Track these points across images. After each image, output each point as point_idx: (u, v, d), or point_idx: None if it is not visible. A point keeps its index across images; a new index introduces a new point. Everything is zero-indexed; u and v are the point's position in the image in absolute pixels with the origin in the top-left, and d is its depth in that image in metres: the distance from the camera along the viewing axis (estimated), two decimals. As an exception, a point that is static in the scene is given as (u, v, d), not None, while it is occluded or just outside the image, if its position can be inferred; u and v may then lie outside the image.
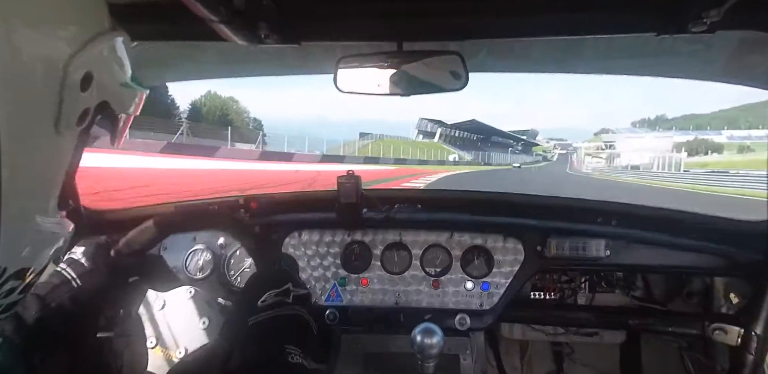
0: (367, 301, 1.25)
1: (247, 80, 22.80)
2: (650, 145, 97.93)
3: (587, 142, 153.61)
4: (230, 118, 57.59)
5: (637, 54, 1.20)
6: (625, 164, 76.46)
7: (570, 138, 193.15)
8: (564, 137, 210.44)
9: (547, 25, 0.86)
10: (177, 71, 1.37)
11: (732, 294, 1.17)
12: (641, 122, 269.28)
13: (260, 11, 0.76)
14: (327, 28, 0.87)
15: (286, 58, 1.22)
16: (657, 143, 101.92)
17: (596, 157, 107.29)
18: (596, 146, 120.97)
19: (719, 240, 1.14)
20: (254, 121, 70.51)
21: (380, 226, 1.27)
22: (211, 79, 1.48)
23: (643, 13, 0.81)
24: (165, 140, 22.07)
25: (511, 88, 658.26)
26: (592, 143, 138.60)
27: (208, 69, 1.38)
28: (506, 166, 78.33)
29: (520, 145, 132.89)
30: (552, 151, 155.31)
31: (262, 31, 0.80)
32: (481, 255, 1.25)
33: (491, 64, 1.27)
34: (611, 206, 1.40)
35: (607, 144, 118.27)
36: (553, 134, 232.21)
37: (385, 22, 0.86)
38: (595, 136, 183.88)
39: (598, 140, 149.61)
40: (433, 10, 0.83)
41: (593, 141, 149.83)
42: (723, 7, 0.70)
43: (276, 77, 7.18)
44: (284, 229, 1.29)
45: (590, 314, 1.28)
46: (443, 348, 0.97)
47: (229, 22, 0.74)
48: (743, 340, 1.02)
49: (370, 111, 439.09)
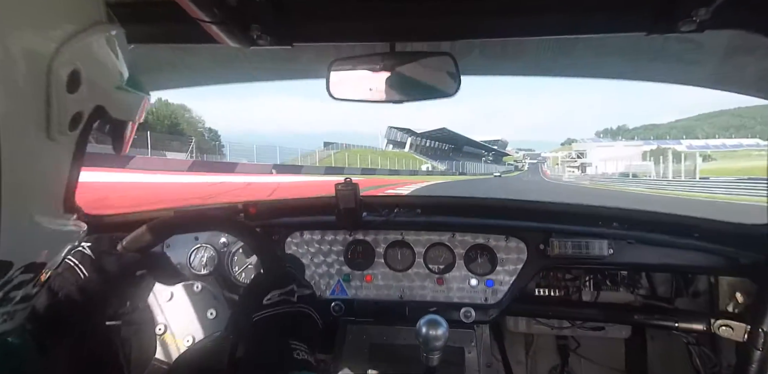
0: (371, 295, 1.25)
1: (204, 91, 20.78)
2: (621, 153, 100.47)
3: (555, 152, 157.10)
4: (181, 128, 52.70)
5: (628, 57, 1.23)
6: (612, 172, 76.51)
7: (537, 148, 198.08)
8: (531, 147, 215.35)
9: (538, 24, 0.87)
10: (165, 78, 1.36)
11: (737, 292, 1.16)
12: (604, 131, 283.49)
13: (253, 12, 0.76)
14: (319, 29, 0.87)
15: (277, 62, 1.22)
16: (627, 152, 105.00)
17: (570, 166, 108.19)
18: (567, 154, 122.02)
19: (722, 242, 1.14)
20: (209, 131, 65.74)
21: (381, 228, 1.27)
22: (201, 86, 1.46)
23: (633, 13, 0.82)
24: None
25: (477, 99, 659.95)
26: (561, 152, 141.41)
27: (198, 75, 1.37)
28: (487, 175, 78.28)
29: (491, 155, 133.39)
30: (522, 161, 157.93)
31: (255, 32, 0.79)
32: (484, 254, 1.25)
33: (483, 65, 1.29)
34: (612, 211, 1.41)
35: (578, 153, 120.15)
36: (521, 144, 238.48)
37: (377, 23, 0.86)
38: (562, 146, 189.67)
39: (565, 149, 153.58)
40: (426, 10, 0.83)
41: (561, 150, 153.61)
42: (711, 6, 0.72)
43: (233, 86, 7.05)
44: (285, 230, 1.30)
45: (595, 310, 1.28)
46: (448, 341, 0.96)
47: (221, 23, 0.73)
48: (750, 336, 1.02)
49: (337, 122, 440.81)
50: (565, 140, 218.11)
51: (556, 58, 1.24)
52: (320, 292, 1.26)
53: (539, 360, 1.62)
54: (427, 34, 0.90)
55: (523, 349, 1.61)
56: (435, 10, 0.83)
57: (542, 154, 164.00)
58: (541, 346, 1.62)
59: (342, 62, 0.98)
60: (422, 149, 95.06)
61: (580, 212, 1.44)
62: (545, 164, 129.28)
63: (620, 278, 1.35)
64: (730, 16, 0.79)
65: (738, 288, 1.17)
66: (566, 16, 0.84)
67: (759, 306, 1.01)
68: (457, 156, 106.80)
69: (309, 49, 1.11)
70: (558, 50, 1.18)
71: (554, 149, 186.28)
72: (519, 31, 0.88)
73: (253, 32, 0.79)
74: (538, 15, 0.84)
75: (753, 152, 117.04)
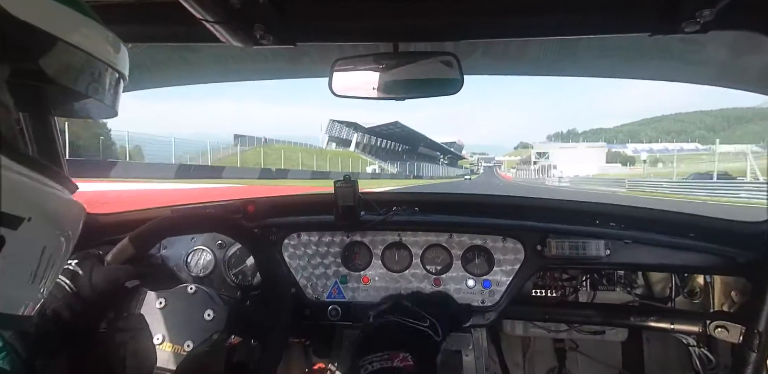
0: (369, 298, 1.24)
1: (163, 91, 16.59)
2: (583, 155, 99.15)
3: (509, 155, 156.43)
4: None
5: (631, 57, 1.21)
6: (586, 174, 74.30)
7: (490, 152, 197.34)
8: (485, 151, 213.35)
9: (542, 25, 0.86)
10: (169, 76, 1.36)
11: (733, 292, 1.17)
12: (555, 135, 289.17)
13: (256, 12, 0.76)
14: (323, 29, 0.87)
15: (280, 61, 1.21)
16: (589, 154, 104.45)
17: (521, 170, 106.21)
18: (524, 158, 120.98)
19: (718, 240, 1.14)
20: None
21: (378, 228, 1.27)
22: (204, 83, 1.46)
23: (637, 14, 0.82)
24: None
25: (431, 101, 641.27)
26: (514, 156, 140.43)
27: (200, 73, 1.37)
28: (456, 178, 73.66)
29: (447, 157, 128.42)
30: (478, 164, 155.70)
31: (258, 32, 0.79)
32: (481, 254, 1.25)
33: (486, 65, 1.28)
34: (609, 209, 1.41)
35: (540, 154, 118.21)
36: (474, 148, 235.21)
37: (381, 23, 0.86)
38: (515, 150, 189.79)
39: (518, 153, 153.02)
40: (429, 10, 0.83)
41: (514, 154, 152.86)
42: (716, 8, 0.72)
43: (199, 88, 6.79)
44: (283, 231, 1.29)
45: (592, 311, 1.28)
46: (446, 344, 0.96)
47: (224, 23, 0.73)
48: (745, 338, 1.02)
49: (283, 118, 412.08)
50: (518, 144, 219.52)
51: (559, 58, 1.24)
52: (317, 294, 1.25)
53: (536, 363, 1.63)
54: (430, 34, 0.90)
55: (520, 352, 1.62)
56: (438, 10, 0.83)
57: (496, 157, 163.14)
58: (538, 349, 1.63)
59: (345, 62, 0.98)
60: (371, 148, 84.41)
61: (577, 210, 1.44)
62: (501, 167, 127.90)
63: (617, 278, 1.36)
64: (735, 17, 0.79)
65: (734, 288, 1.18)
66: (570, 17, 0.83)
67: (754, 305, 1.01)
68: (411, 158, 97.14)
69: (312, 49, 1.10)
70: (561, 50, 1.18)
71: (508, 152, 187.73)
72: (522, 31, 0.88)
73: (256, 32, 0.79)
74: (541, 16, 0.83)
75: (701, 155, 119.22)
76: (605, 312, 1.26)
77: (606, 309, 1.28)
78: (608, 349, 1.56)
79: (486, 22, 0.85)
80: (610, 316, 1.25)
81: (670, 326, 1.18)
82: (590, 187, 39.07)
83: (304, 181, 32.20)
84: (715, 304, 1.25)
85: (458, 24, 0.86)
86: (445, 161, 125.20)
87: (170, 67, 1.27)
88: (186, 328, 0.83)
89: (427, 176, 78.43)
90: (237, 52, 1.14)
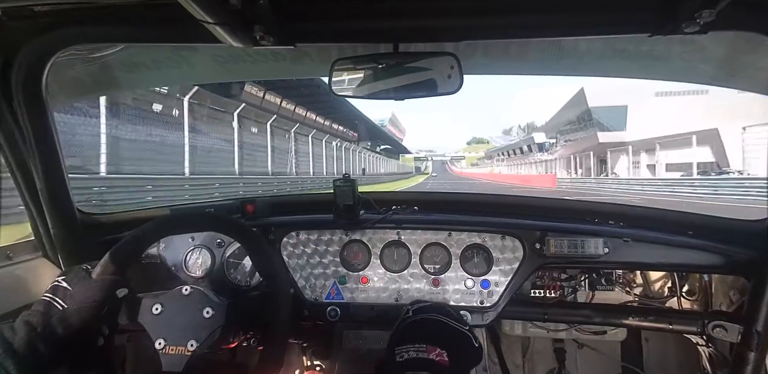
0: (367, 298, 1.24)
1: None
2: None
3: (467, 151, 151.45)
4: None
5: (632, 56, 1.21)
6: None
7: (438, 150, 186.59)
8: (432, 148, 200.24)
9: (542, 25, 0.86)
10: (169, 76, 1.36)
11: (731, 291, 1.17)
12: (510, 130, 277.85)
13: (255, 13, 0.76)
14: (323, 30, 0.87)
15: (280, 61, 1.21)
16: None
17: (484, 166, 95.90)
18: (491, 154, 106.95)
19: (717, 239, 1.14)
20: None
21: (378, 226, 1.26)
22: (203, 83, 1.46)
23: (637, 14, 0.82)
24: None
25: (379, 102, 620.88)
26: (473, 152, 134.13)
27: (200, 73, 1.37)
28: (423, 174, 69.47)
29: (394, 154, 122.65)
30: (425, 159, 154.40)
31: (257, 32, 0.79)
32: (480, 253, 1.24)
33: (486, 65, 1.28)
34: (607, 207, 1.42)
35: (540, 146, 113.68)
36: (420, 146, 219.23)
37: (381, 24, 0.86)
38: (468, 145, 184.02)
39: (473, 148, 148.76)
40: (429, 11, 0.83)
41: (470, 150, 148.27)
42: (716, 8, 0.71)
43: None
44: (282, 230, 1.29)
45: (591, 311, 1.28)
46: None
47: (224, 24, 0.73)
48: (744, 337, 1.02)
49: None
50: (471, 139, 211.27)
51: (559, 58, 1.24)
52: (316, 296, 1.24)
53: (536, 363, 1.63)
54: (430, 35, 0.90)
55: (519, 352, 1.63)
56: (438, 11, 0.83)
57: (446, 154, 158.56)
58: (537, 349, 1.63)
59: (345, 62, 0.98)
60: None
61: (576, 208, 1.44)
62: (457, 164, 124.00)
63: (615, 278, 1.35)
64: (735, 18, 0.79)
65: (732, 287, 1.18)
66: (570, 18, 0.83)
67: (752, 304, 1.01)
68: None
69: (312, 49, 1.10)
70: (561, 50, 1.18)
71: (462, 148, 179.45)
72: (522, 32, 0.88)
73: (256, 33, 0.79)
74: (541, 16, 0.84)
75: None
76: (604, 312, 1.26)
77: (605, 309, 1.28)
78: (607, 349, 1.56)
79: (486, 22, 0.85)
80: (609, 316, 1.25)
81: (669, 326, 1.18)
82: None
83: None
84: (713, 304, 1.25)
85: (459, 25, 0.86)
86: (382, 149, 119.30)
87: (170, 67, 1.27)
88: (187, 329, 0.83)
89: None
90: (237, 53, 1.14)
